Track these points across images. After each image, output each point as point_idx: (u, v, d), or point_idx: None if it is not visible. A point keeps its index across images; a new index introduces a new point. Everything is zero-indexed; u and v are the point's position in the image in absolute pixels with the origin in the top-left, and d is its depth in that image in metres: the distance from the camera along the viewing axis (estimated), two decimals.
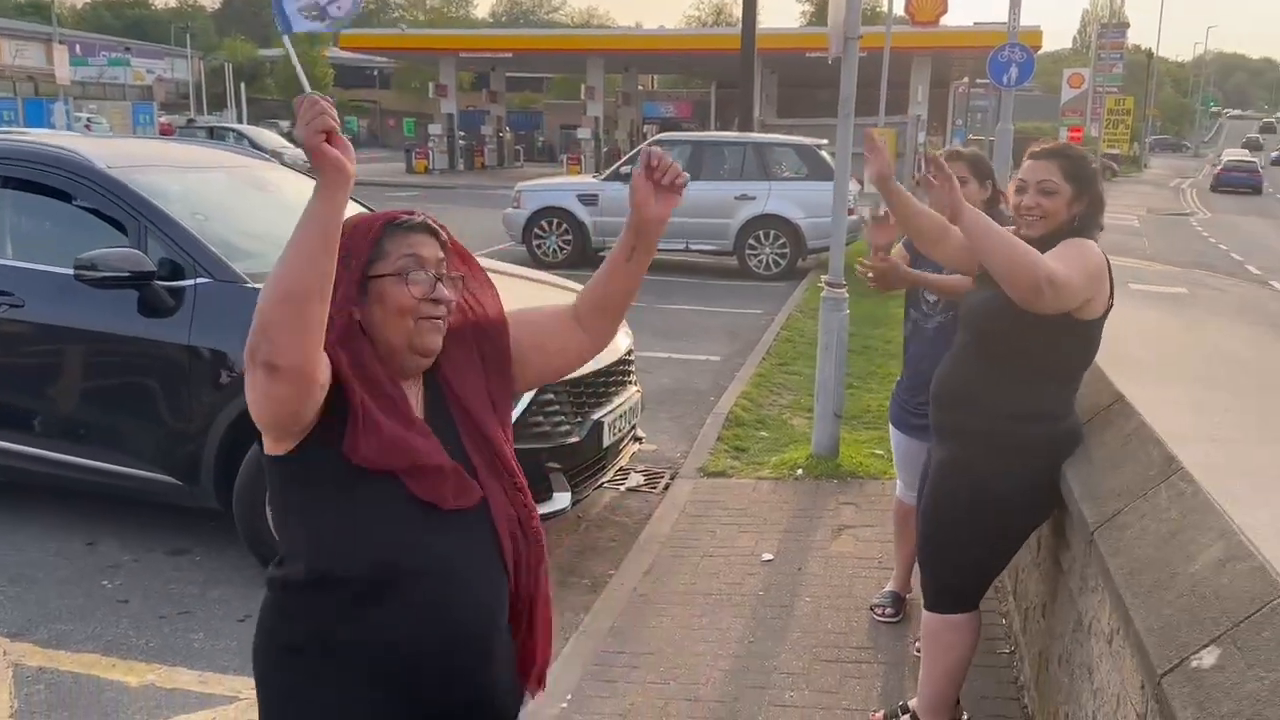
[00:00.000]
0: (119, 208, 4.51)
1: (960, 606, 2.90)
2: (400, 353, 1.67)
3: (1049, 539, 3.03)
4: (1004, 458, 2.77)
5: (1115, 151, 42.75)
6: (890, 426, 3.99)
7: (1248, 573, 1.73)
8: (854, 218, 11.00)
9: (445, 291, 1.68)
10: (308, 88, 1.77)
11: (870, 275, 3.52)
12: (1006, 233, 2.59)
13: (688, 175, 1.73)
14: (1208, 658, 1.61)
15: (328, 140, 1.43)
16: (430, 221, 1.70)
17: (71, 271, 4.25)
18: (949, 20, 30.67)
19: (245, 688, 3.51)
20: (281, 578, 1.70)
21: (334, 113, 1.45)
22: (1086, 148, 45.03)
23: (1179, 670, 1.63)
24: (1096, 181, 2.81)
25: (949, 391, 2.90)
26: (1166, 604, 1.81)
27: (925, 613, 2.98)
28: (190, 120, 39.62)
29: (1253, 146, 74.00)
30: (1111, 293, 2.74)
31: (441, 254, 1.70)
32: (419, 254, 1.66)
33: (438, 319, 1.67)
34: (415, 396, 1.71)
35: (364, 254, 1.64)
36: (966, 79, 40.05)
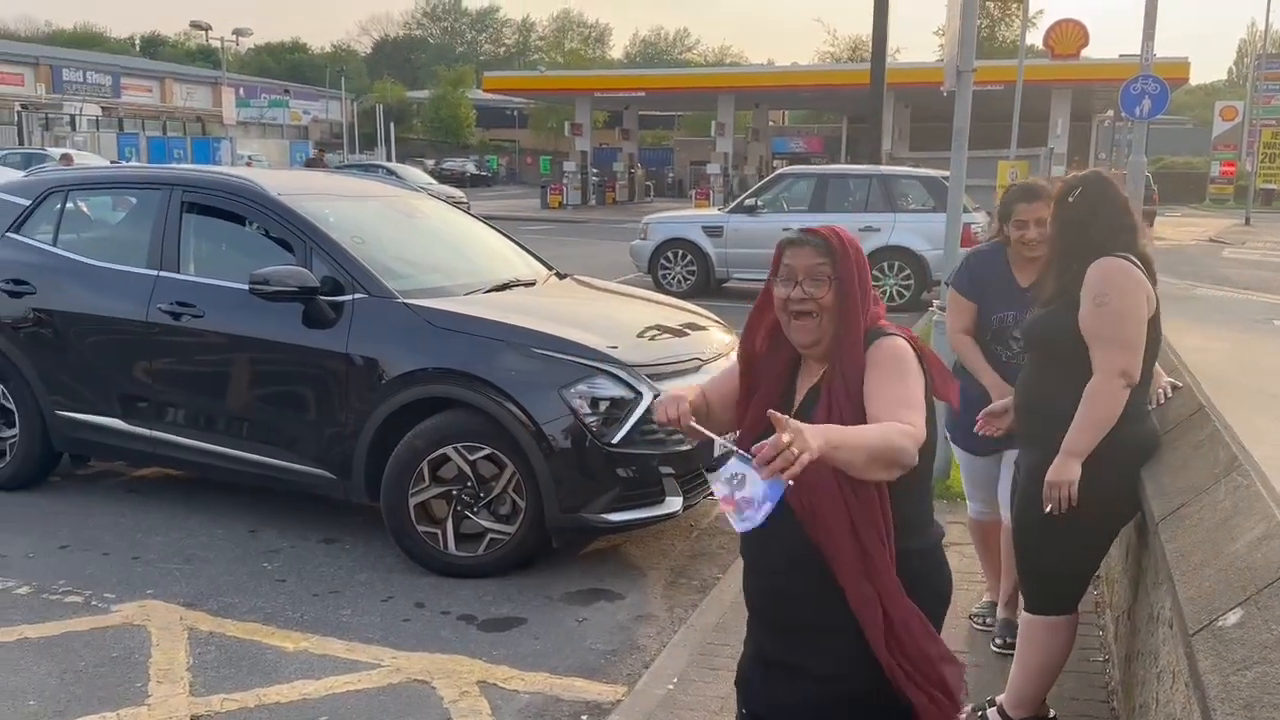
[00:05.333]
0: (288, 230, 5.07)
1: (1059, 608, 3.03)
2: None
3: (1134, 544, 3.16)
4: (1092, 459, 2.90)
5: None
6: (954, 448, 4.15)
7: None
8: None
9: (796, 292, 2.07)
10: None
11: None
12: (1082, 409, 2.86)
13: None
14: (1232, 618, 1.79)
15: None
16: (812, 233, 2.11)
17: (246, 286, 4.82)
18: (1092, 52, 30.12)
19: (386, 656, 3.93)
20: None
21: None
22: (1240, 182, 42.80)
23: (1207, 629, 1.81)
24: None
25: (1033, 399, 3.07)
26: (1206, 578, 1.99)
27: (1024, 613, 3.12)
28: (344, 163, 41.27)
29: None
30: (1153, 295, 2.89)
31: (820, 259, 2.07)
32: (791, 263, 2.09)
33: (795, 314, 2.08)
34: (809, 383, 2.16)
35: (774, 262, 2.14)
36: (1111, 112, 38.97)
